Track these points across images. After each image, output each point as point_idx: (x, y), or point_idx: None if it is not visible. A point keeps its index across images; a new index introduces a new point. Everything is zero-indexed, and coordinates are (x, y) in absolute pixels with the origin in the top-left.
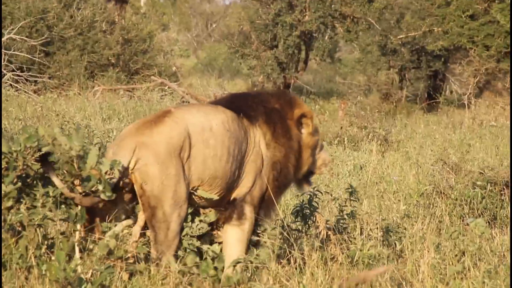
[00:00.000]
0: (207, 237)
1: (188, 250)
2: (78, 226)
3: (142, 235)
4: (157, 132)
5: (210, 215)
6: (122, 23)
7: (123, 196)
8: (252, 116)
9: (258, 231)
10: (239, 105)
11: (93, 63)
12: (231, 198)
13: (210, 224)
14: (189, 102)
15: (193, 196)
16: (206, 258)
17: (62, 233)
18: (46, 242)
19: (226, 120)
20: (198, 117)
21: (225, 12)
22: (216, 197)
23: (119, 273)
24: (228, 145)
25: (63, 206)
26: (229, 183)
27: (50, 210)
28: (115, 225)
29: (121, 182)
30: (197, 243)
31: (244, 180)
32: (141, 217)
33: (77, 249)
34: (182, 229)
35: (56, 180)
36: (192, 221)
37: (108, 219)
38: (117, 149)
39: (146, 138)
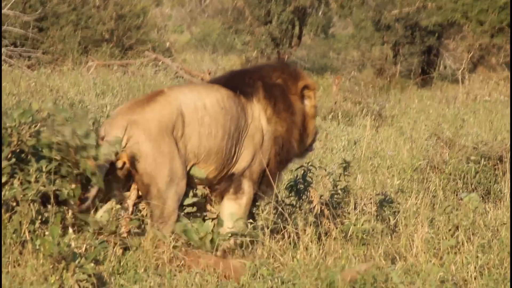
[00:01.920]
0: (199, 213)
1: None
2: (72, 202)
3: (135, 210)
4: (148, 110)
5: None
6: None
7: (117, 174)
8: (249, 92)
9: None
10: (236, 83)
11: (86, 38)
12: (230, 172)
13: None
14: (183, 78)
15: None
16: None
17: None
18: (40, 217)
19: (220, 98)
20: (191, 96)
21: None
22: (204, 175)
23: (113, 248)
24: (223, 123)
25: (57, 181)
26: (225, 160)
27: (44, 186)
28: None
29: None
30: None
31: (243, 155)
32: (134, 192)
33: (70, 228)
34: (180, 206)
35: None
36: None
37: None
38: (109, 127)
39: (137, 116)
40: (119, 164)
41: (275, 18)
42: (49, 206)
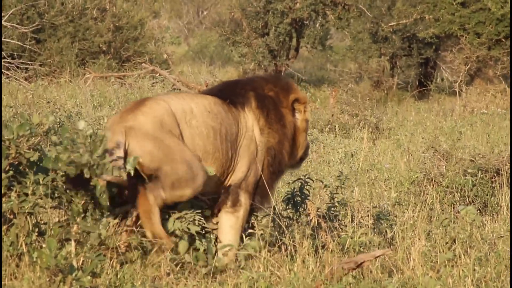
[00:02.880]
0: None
1: (180, 237)
2: (78, 219)
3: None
4: (140, 114)
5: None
6: (113, 10)
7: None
8: (241, 102)
9: (253, 220)
10: (228, 93)
11: (84, 50)
12: (227, 184)
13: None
14: (180, 90)
15: None
16: (198, 248)
17: (57, 223)
18: (37, 230)
19: (207, 103)
20: (177, 101)
21: (216, 0)
22: (213, 172)
23: (110, 261)
24: (213, 125)
25: (55, 193)
26: (224, 162)
27: (41, 198)
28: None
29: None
30: (197, 228)
31: (239, 165)
32: (134, 213)
33: (73, 241)
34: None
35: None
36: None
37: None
38: (108, 138)
39: (132, 122)
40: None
41: (272, 30)
42: (46, 219)
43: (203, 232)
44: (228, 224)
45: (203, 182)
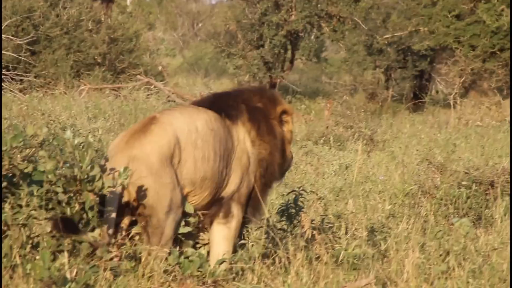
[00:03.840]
0: (191, 239)
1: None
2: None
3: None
4: (147, 143)
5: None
6: (108, 22)
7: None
8: (234, 115)
9: (244, 232)
10: (221, 105)
11: (79, 62)
12: (220, 196)
13: (195, 227)
14: (175, 102)
15: None
16: (189, 258)
17: (50, 233)
18: (30, 241)
19: (209, 119)
20: (183, 119)
21: (211, 12)
22: (192, 210)
23: (104, 272)
24: (214, 144)
25: (49, 205)
26: (218, 183)
27: (35, 210)
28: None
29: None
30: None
31: (231, 178)
32: (127, 218)
33: (66, 252)
34: (176, 231)
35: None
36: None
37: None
38: (110, 165)
39: (137, 152)
40: (126, 199)
41: (267, 42)
42: (40, 230)
43: (195, 243)
44: (220, 235)
45: (180, 215)
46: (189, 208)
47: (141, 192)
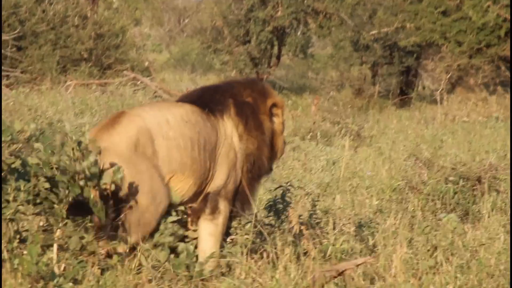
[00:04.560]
0: (180, 235)
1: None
2: (61, 224)
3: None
4: (115, 134)
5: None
6: (94, 17)
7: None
8: (220, 110)
9: (232, 227)
10: (206, 100)
11: (65, 57)
12: (207, 191)
13: (184, 223)
14: (161, 97)
15: None
16: (179, 255)
17: (42, 228)
18: (18, 236)
19: (184, 112)
20: (152, 112)
21: (197, 7)
22: (177, 200)
23: (92, 267)
24: (191, 135)
25: (37, 200)
26: (201, 173)
27: (22, 205)
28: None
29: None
30: (170, 239)
31: (217, 173)
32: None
33: (55, 246)
34: (158, 225)
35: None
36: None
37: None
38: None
39: (107, 143)
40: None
41: (254, 38)
42: (27, 225)
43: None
44: (207, 231)
45: (165, 208)
46: (175, 197)
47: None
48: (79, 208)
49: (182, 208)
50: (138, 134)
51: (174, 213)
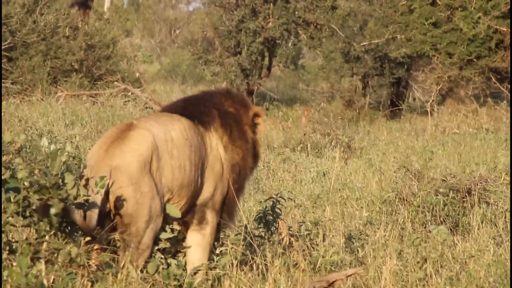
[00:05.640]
0: (171, 248)
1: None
2: (47, 237)
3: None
4: (127, 151)
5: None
6: (85, 28)
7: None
8: (207, 122)
9: (221, 237)
10: (193, 111)
11: (56, 68)
12: (194, 204)
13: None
14: (152, 108)
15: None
16: (168, 266)
17: (26, 241)
18: (7, 248)
19: (183, 128)
20: (159, 127)
21: (188, 18)
22: (179, 215)
23: (81, 279)
24: (189, 154)
25: (27, 211)
26: (194, 192)
27: (12, 216)
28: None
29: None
30: (160, 255)
31: (205, 185)
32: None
33: (43, 259)
34: (155, 241)
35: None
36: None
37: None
38: (91, 174)
39: (119, 161)
40: (107, 208)
41: (244, 49)
42: (17, 237)
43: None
44: (195, 242)
45: (160, 225)
46: (175, 213)
47: (121, 202)
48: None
49: (176, 227)
50: (148, 151)
51: (169, 230)
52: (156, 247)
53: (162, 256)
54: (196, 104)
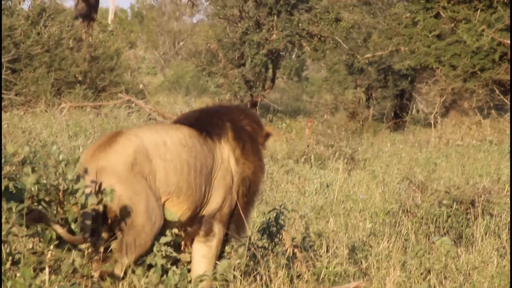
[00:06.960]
0: (173, 257)
1: (153, 267)
2: (52, 246)
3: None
4: (112, 153)
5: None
6: (89, 40)
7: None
8: (218, 133)
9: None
10: (205, 123)
11: (60, 80)
12: (201, 214)
13: (178, 246)
14: (155, 120)
15: None
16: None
17: (31, 250)
18: (11, 258)
19: (182, 136)
20: (150, 134)
21: (192, 30)
22: (176, 218)
23: None
24: (187, 159)
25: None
26: (197, 198)
27: (14, 226)
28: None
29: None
30: (163, 261)
31: (213, 196)
32: (105, 235)
33: (47, 268)
34: (152, 245)
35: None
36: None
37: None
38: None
39: (103, 162)
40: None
41: (248, 61)
42: (20, 247)
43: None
44: (200, 253)
45: (160, 228)
46: (172, 216)
47: (113, 201)
48: (37, 217)
49: (175, 231)
50: (135, 153)
51: (168, 234)
52: (159, 252)
53: (163, 263)
54: (210, 116)
